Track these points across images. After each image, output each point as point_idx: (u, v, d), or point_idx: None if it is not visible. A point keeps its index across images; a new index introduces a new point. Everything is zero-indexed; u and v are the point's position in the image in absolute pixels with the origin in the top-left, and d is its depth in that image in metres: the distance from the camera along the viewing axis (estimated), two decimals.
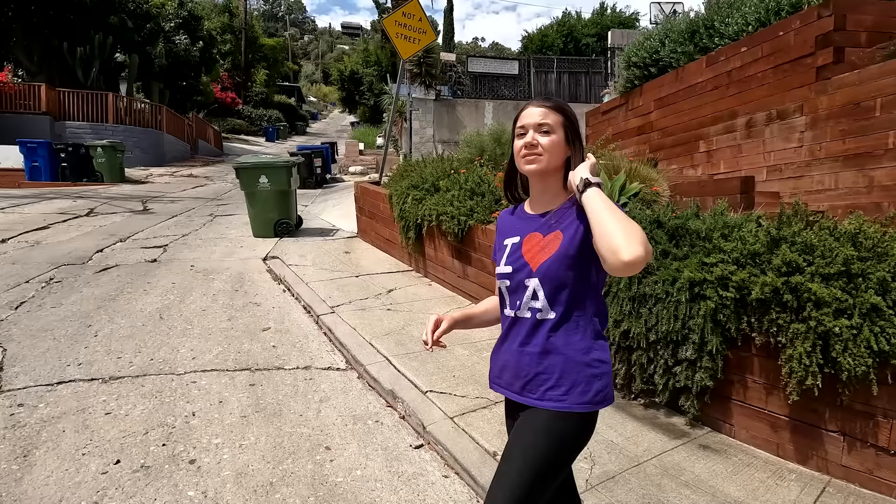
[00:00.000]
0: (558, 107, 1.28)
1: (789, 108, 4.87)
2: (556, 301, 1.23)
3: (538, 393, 1.22)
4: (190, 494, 2.03)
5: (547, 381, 1.22)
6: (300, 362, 3.26)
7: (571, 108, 1.32)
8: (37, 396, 2.72)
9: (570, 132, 1.28)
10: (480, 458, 2.30)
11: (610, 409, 2.78)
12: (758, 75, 5.22)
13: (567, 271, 1.21)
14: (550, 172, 1.27)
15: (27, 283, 4.56)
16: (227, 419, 2.58)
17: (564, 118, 1.27)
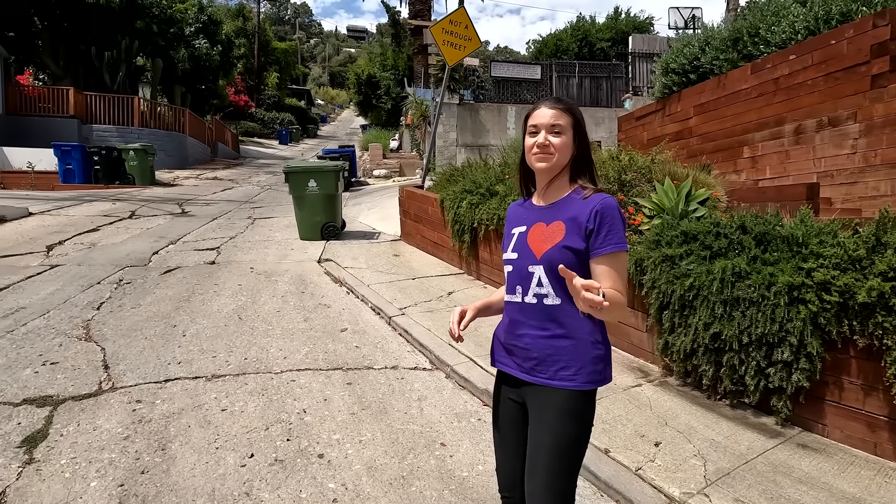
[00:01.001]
0: (569, 109, 1.38)
1: (842, 116, 4.94)
2: (559, 287, 1.31)
3: (549, 373, 1.32)
4: (331, 486, 2.13)
5: (558, 362, 1.31)
6: (387, 362, 3.37)
7: (580, 109, 1.44)
8: (150, 393, 2.84)
9: (577, 133, 1.39)
10: (592, 454, 2.39)
11: (701, 409, 2.88)
12: (807, 83, 5.30)
13: (570, 259, 1.31)
14: (558, 169, 1.38)
15: (99, 284, 4.69)
16: (337, 416, 2.68)
17: (574, 120, 1.38)
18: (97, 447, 2.33)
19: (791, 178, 5.52)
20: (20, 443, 2.34)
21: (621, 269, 1.31)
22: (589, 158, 1.41)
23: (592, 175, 1.41)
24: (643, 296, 3.32)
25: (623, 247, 1.31)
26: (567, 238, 1.32)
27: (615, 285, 1.28)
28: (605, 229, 1.30)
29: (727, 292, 2.82)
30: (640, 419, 2.71)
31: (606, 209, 1.31)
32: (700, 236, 3.13)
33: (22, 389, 2.82)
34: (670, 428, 2.63)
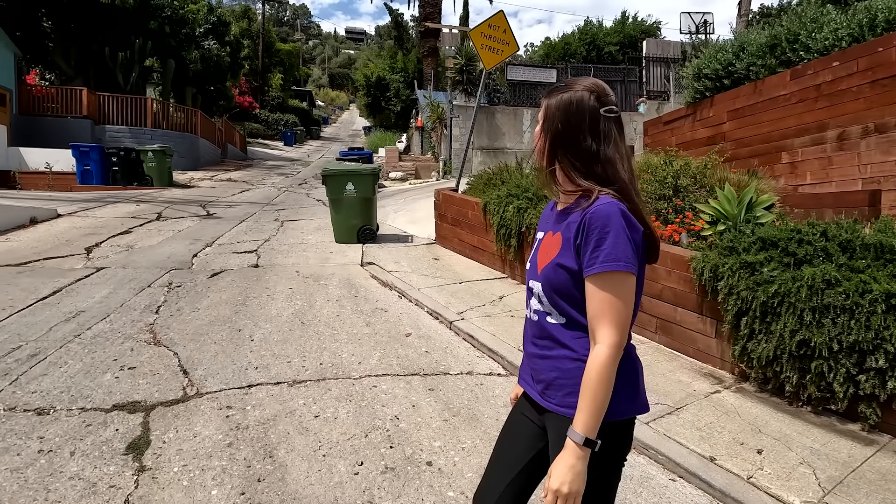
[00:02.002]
0: (546, 94, 1.23)
1: (889, 122, 4.98)
2: (559, 306, 1.17)
3: (557, 398, 1.18)
4: (450, 495, 2.12)
5: (564, 387, 1.16)
6: (461, 368, 3.36)
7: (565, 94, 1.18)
8: (237, 399, 2.81)
9: (546, 119, 1.20)
10: (700, 462, 2.39)
11: (787, 415, 2.88)
12: (852, 89, 5.34)
13: (566, 278, 1.15)
14: (540, 162, 1.24)
15: (149, 287, 4.66)
16: (431, 423, 2.67)
17: (546, 104, 1.21)
18: (204, 454, 2.31)
19: (834, 183, 5.54)
20: (125, 449, 2.32)
21: (610, 297, 1.08)
22: (574, 151, 1.16)
23: (586, 173, 1.16)
24: (719, 302, 3.32)
25: (612, 266, 1.07)
26: (561, 254, 1.16)
27: (598, 318, 1.09)
28: (592, 244, 1.10)
29: (816, 299, 2.83)
30: (732, 426, 2.71)
31: (593, 219, 1.10)
32: (781, 243, 3.13)
33: (108, 395, 2.80)
34: (765, 435, 2.63)
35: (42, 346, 3.34)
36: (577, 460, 1.05)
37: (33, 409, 2.63)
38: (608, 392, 1.07)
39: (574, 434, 1.06)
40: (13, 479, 2.09)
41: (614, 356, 1.07)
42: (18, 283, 4.58)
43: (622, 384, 1.12)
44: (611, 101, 1.18)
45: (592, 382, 1.06)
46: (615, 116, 1.18)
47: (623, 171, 1.16)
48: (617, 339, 1.07)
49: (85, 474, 2.14)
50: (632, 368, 1.18)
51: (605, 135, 1.16)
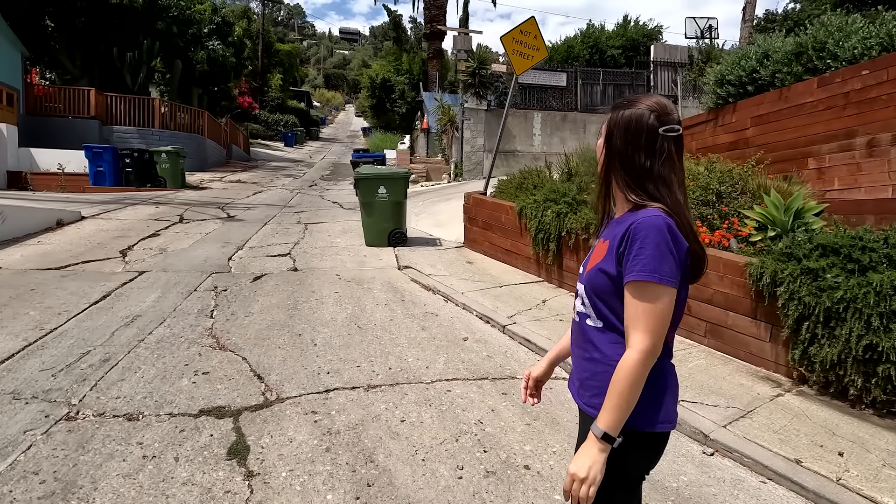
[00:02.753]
0: (611, 108, 1.28)
1: None
2: (599, 310, 1.23)
3: (586, 397, 1.25)
4: (557, 499, 2.17)
5: (592, 388, 1.22)
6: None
7: (626, 111, 1.22)
8: (319, 404, 2.85)
9: (608, 138, 1.25)
10: (786, 464, 2.46)
11: (854, 418, 2.96)
12: (882, 97, 5.45)
13: (606, 284, 1.20)
14: (601, 174, 1.30)
15: (196, 291, 4.67)
16: (516, 427, 2.72)
17: (609, 122, 1.26)
18: (306, 459, 2.34)
19: (863, 190, 5.66)
20: (227, 455, 2.35)
21: (644, 305, 1.11)
22: (629, 167, 1.20)
23: (638, 188, 1.20)
24: (778, 307, 3.39)
25: (646, 276, 1.11)
26: (604, 260, 1.21)
27: (631, 324, 1.13)
28: (633, 253, 1.13)
29: (884, 305, 2.91)
30: (806, 429, 2.78)
31: (638, 229, 1.13)
32: (843, 250, 3.21)
33: (191, 400, 2.82)
34: (840, 438, 2.70)
35: (111, 350, 3.35)
36: (597, 452, 1.11)
37: (122, 414, 2.65)
38: (633, 394, 1.11)
39: (595, 428, 1.12)
40: (128, 485, 2.11)
41: (644, 361, 1.11)
42: (66, 286, 4.57)
43: (646, 395, 1.15)
44: (672, 121, 1.20)
45: (618, 383, 1.11)
46: (675, 136, 1.19)
47: (676, 192, 1.19)
48: (648, 346, 1.11)
49: (196, 479, 2.16)
50: (659, 383, 1.19)
51: (660, 153, 1.18)
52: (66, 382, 2.93)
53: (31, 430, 2.46)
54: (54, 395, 2.78)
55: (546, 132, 14.44)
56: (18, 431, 2.45)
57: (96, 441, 2.40)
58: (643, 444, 1.19)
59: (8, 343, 3.38)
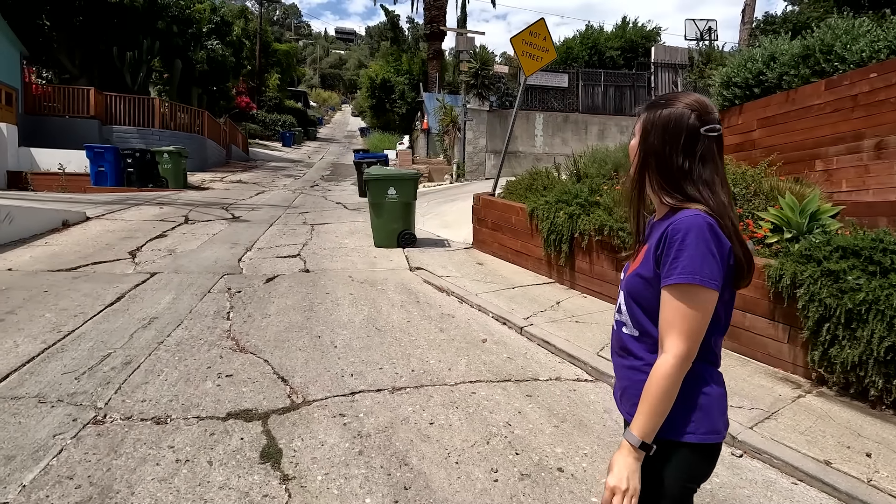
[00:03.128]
0: (645, 107, 1.22)
1: None
2: (635, 318, 1.20)
3: (627, 407, 1.23)
4: (594, 501, 2.17)
5: (633, 397, 1.18)
6: (549, 374, 3.41)
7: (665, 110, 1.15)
8: (346, 407, 2.84)
9: (643, 136, 1.19)
10: (816, 466, 2.47)
11: (875, 419, 2.98)
12: (891, 100, 5.50)
13: (644, 289, 1.16)
14: (634, 174, 1.24)
15: (210, 293, 4.65)
16: (545, 429, 2.72)
17: (643, 120, 1.20)
18: (340, 463, 2.33)
19: (871, 191, 5.71)
20: (260, 458, 2.34)
21: (682, 308, 1.08)
22: (665, 168, 1.15)
23: (675, 190, 1.15)
24: (798, 308, 3.41)
25: (685, 278, 1.06)
26: (642, 264, 1.18)
27: (667, 328, 1.09)
28: (671, 255, 1.09)
29: None
30: (831, 430, 2.80)
31: (675, 230, 1.09)
32: (864, 252, 3.24)
33: (217, 403, 2.80)
34: (866, 439, 2.72)
35: (131, 353, 3.33)
36: (633, 461, 1.08)
37: (150, 418, 2.63)
38: (667, 401, 1.08)
39: (630, 436, 1.09)
40: (165, 489, 2.10)
41: (679, 366, 1.07)
42: (79, 288, 4.53)
43: (688, 404, 1.12)
44: (713, 120, 1.15)
45: (651, 389, 1.08)
46: (716, 135, 1.15)
47: (720, 193, 1.13)
48: (683, 351, 1.07)
49: (233, 484, 2.15)
50: (696, 393, 1.14)
51: (702, 154, 1.13)
52: (89, 385, 2.90)
53: (60, 434, 2.44)
54: (79, 399, 2.76)
55: (548, 133, 14.47)
56: (48, 435, 2.43)
57: (127, 445, 2.38)
58: (684, 455, 1.14)
59: (27, 346, 3.35)
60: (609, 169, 6.11)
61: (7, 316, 3.84)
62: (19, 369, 3.05)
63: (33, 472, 2.17)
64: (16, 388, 2.84)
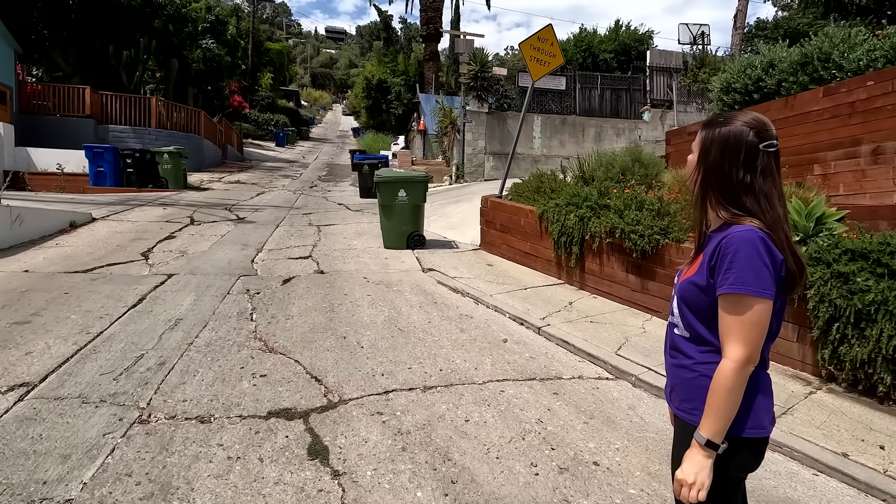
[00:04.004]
0: (703, 125, 1.31)
1: None
2: (687, 320, 1.29)
3: (677, 402, 1.34)
4: (631, 492, 2.29)
5: (682, 393, 1.31)
6: (571, 373, 3.53)
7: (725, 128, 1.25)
8: (383, 405, 2.92)
9: (702, 153, 1.28)
10: (835, 458, 2.61)
11: (885, 414, 3.13)
12: (887, 107, 5.70)
13: (696, 296, 1.26)
14: (693, 188, 1.34)
15: (230, 294, 4.70)
16: (575, 425, 2.83)
17: (702, 137, 1.29)
18: (386, 458, 2.42)
19: (868, 196, 5.91)
20: (308, 455, 2.42)
21: (736, 317, 1.18)
22: (725, 182, 1.24)
23: (733, 203, 1.24)
24: (809, 309, 3.56)
25: (738, 288, 1.16)
26: (697, 273, 1.27)
27: (726, 335, 1.20)
28: (724, 266, 1.18)
29: None
30: (845, 424, 2.95)
31: (729, 243, 1.18)
32: (872, 255, 3.40)
33: (256, 402, 2.87)
34: (878, 432, 2.87)
35: (164, 354, 3.38)
36: (702, 458, 1.19)
37: (193, 417, 2.69)
38: (730, 402, 1.17)
39: (698, 435, 1.20)
40: (223, 485, 2.17)
41: (738, 371, 1.16)
42: (99, 290, 4.56)
43: (748, 407, 1.22)
44: (771, 136, 1.23)
45: (714, 392, 1.19)
46: (774, 151, 1.23)
47: (777, 206, 1.22)
48: (741, 356, 1.16)
49: (286, 479, 2.23)
50: (749, 391, 1.23)
51: (762, 169, 1.21)
52: (129, 386, 2.96)
53: (109, 434, 2.50)
54: (121, 399, 2.82)
55: (546, 135, 14.63)
56: (97, 434, 2.48)
57: (177, 443, 2.45)
58: (735, 447, 1.24)
59: (60, 347, 3.39)
60: (616, 172, 6.25)
61: (33, 318, 3.87)
62: (56, 370, 3.09)
63: (91, 469, 2.23)
64: (57, 388, 2.89)
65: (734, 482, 1.31)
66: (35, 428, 2.50)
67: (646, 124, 15.46)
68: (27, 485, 2.11)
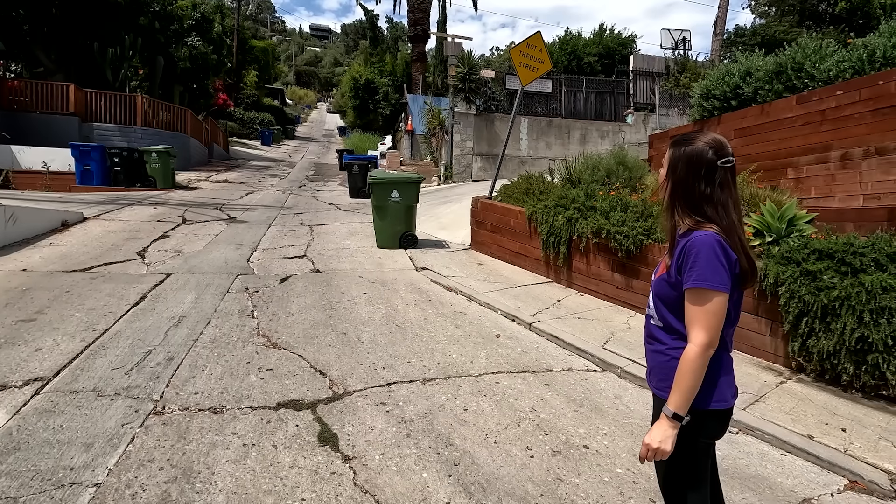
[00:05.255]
0: (672, 143, 1.51)
1: (889, 146, 5.69)
2: (660, 312, 1.52)
3: (654, 382, 1.57)
4: (618, 472, 2.50)
5: (658, 374, 1.54)
6: (561, 365, 3.74)
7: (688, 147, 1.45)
8: (386, 396, 3.10)
9: (670, 167, 1.49)
10: (801, 439, 2.86)
11: (847, 401, 3.40)
12: (855, 115, 6.04)
13: (668, 291, 1.49)
14: (664, 198, 1.54)
15: (229, 292, 4.81)
16: (566, 413, 3.04)
17: (670, 153, 1.50)
18: (392, 444, 2.59)
19: (837, 199, 6.25)
20: (318, 442, 2.58)
21: (699, 308, 1.38)
22: (689, 194, 1.45)
23: (696, 212, 1.44)
24: (780, 305, 3.83)
25: (700, 283, 1.37)
26: (668, 271, 1.49)
27: (690, 323, 1.40)
28: (688, 265, 1.40)
29: (874, 302, 3.37)
30: (811, 410, 3.21)
31: (690, 245, 1.40)
32: (837, 254, 3.67)
33: (265, 394, 3.02)
34: (840, 417, 3.14)
35: (171, 350, 3.50)
36: (667, 428, 1.41)
37: (206, 408, 2.83)
38: (694, 381, 1.38)
39: (666, 409, 1.41)
40: (241, 469, 2.32)
41: (700, 353, 1.37)
42: (99, 288, 4.64)
43: (711, 383, 1.43)
44: (727, 154, 1.44)
45: (681, 371, 1.40)
46: (731, 166, 1.45)
47: (732, 214, 1.43)
48: (704, 341, 1.37)
49: (301, 463, 2.39)
50: (714, 370, 1.44)
51: (720, 182, 1.43)
52: (141, 380, 3.08)
53: (127, 424, 2.62)
54: (135, 392, 2.94)
55: (532, 137, 14.90)
56: (116, 425, 2.61)
57: (193, 432, 2.59)
58: (702, 418, 1.46)
59: (69, 344, 3.48)
60: (602, 175, 6.50)
61: (38, 316, 3.94)
62: (68, 366, 3.19)
63: (114, 457, 2.36)
64: (71, 383, 3.00)
65: (703, 448, 1.53)
66: (55, 419, 2.62)
67: (629, 127, 15.84)
68: (55, 471, 2.23)
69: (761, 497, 2.40)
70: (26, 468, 2.24)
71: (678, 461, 1.48)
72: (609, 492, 2.35)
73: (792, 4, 20.20)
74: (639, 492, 2.36)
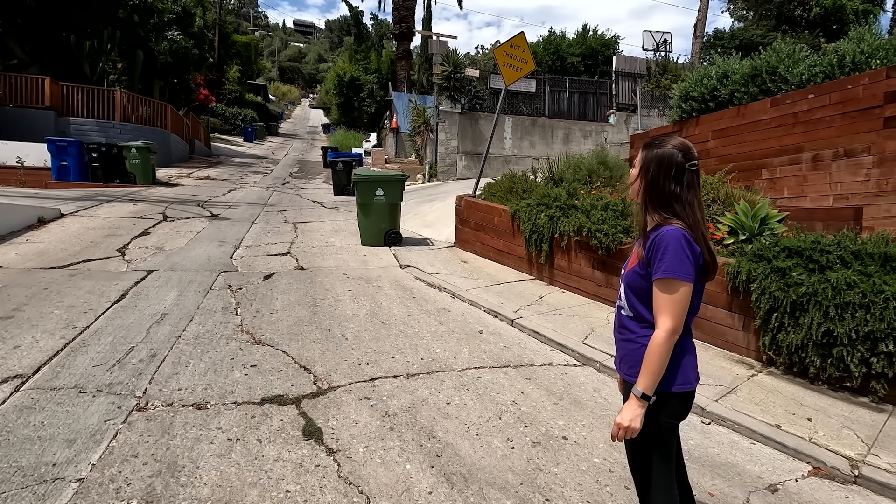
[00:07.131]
0: (644, 146, 1.63)
1: (857, 148, 5.91)
2: (631, 302, 1.62)
3: (625, 369, 1.65)
4: (595, 461, 2.59)
5: (628, 361, 1.62)
6: (542, 360, 3.82)
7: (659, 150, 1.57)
8: (370, 391, 3.14)
9: (642, 168, 1.60)
10: (769, 429, 2.98)
11: (814, 392, 3.55)
12: (825, 118, 6.26)
13: (638, 282, 1.59)
14: (634, 197, 1.66)
15: (212, 289, 4.79)
16: (546, 406, 3.12)
17: (643, 155, 1.61)
18: (376, 437, 2.64)
19: (808, 198, 6.47)
20: (303, 436, 2.62)
21: (666, 296, 1.49)
22: (660, 193, 1.56)
23: (665, 209, 1.55)
24: (752, 300, 3.97)
25: (668, 274, 1.48)
26: (639, 264, 1.59)
27: (658, 311, 1.51)
28: (657, 257, 1.50)
29: (839, 298, 3.52)
30: (780, 401, 3.35)
31: (659, 239, 1.51)
32: (805, 252, 3.83)
33: (249, 390, 3.04)
34: (807, 407, 3.28)
35: (153, 347, 3.49)
36: (637, 407, 1.51)
37: (190, 404, 2.84)
38: (661, 364, 1.49)
39: (635, 389, 1.52)
40: (226, 462, 2.35)
41: (667, 339, 1.49)
42: (79, 286, 4.58)
43: (674, 367, 1.53)
44: (694, 157, 1.58)
45: (649, 355, 1.50)
46: (696, 168, 1.58)
47: (696, 211, 1.56)
48: (670, 327, 1.48)
49: (285, 457, 2.43)
50: (679, 355, 1.55)
51: (687, 183, 1.55)
52: (123, 377, 3.07)
53: (110, 420, 2.62)
54: (117, 389, 2.93)
55: (517, 136, 15.03)
56: (99, 421, 2.61)
57: (177, 427, 2.60)
58: (667, 400, 1.56)
59: (48, 341, 3.45)
60: (584, 174, 6.62)
61: (15, 313, 3.89)
62: (48, 363, 3.17)
63: (97, 452, 2.36)
64: (51, 379, 2.98)
65: (668, 428, 1.61)
66: (36, 416, 2.61)
67: (612, 127, 16.06)
68: (37, 466, 2.23)
69: (730, 483, 2.51)
70: (7, 464, 2.23)
71: (646, 439, 1.58)
72: (586, 480, 2.43)
73: (769, 9, 20.71)
74: (614, 479, 2.45)
